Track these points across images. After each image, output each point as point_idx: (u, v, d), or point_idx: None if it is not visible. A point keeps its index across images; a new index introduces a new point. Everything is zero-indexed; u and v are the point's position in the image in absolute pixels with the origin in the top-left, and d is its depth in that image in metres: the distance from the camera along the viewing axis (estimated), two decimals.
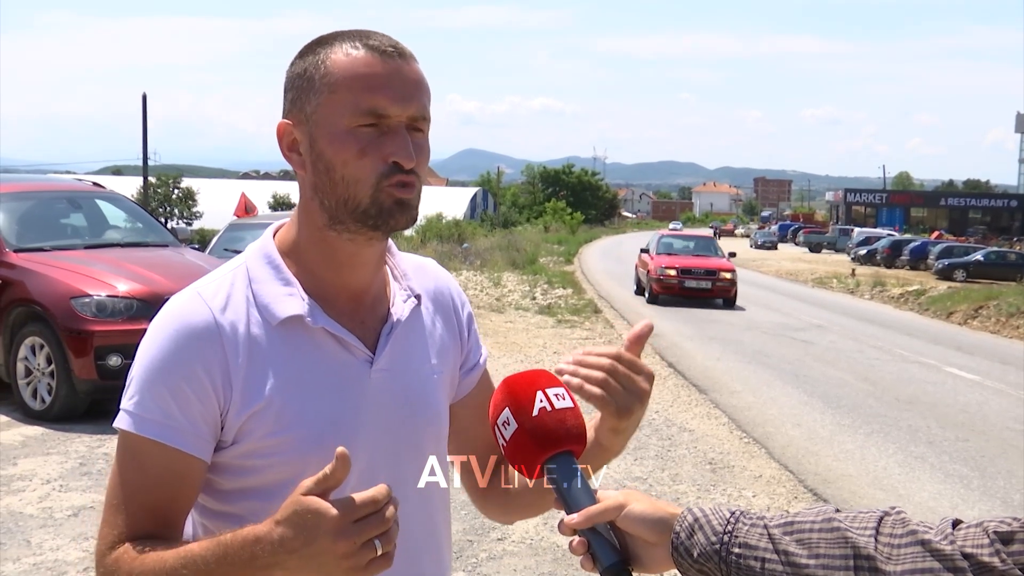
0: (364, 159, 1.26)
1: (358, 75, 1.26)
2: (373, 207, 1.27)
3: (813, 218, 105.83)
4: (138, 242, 9.12)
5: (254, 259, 1.36)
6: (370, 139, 1.26)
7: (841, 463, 7.80)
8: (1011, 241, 57.33)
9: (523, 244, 38.67)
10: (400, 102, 1.27)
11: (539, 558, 5.07)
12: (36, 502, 5.64)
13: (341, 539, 1.08)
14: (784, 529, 1.13)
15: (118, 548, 1.24)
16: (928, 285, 28.29)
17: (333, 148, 1.27)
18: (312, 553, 1.09)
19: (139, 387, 1.27)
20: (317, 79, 1.28)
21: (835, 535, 1.09)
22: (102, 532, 1.26)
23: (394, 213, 1.28)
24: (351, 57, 1.27)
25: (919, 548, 1.05)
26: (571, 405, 1.25)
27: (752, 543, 1.13)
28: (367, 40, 1.29)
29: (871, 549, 1.06)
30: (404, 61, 1.29)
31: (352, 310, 1.36)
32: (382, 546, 1.10)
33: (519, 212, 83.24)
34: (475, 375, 1.56)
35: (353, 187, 1.27)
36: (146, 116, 39.13)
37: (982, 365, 14.16)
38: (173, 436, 1.25)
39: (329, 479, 1.10)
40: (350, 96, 1.26)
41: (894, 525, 1.09)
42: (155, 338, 1.28)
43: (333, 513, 1.08)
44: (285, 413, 1.29)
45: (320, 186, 1.30)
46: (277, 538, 1.10)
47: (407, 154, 1.26)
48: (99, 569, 1.26)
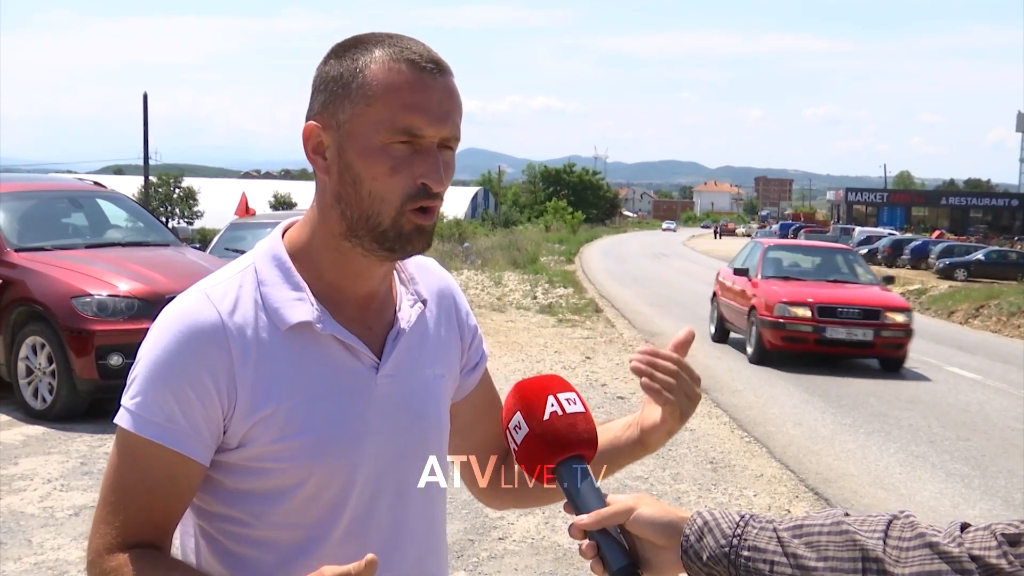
0: (394, 177, 1.25)
1: (397, 91, 1.24)
2: (392, 230, 1.27)
3: (814, 217, 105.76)
4: (139, 241, 9.13)
5: (263, 260, 1.34)
6: (402, 158, 1.25)
7: (842, 462, 7.80)
8: (1012, 240, 57.28)
9: (524, 243, 38.67)
10: (436, 123, 1.25)
11: (540, 557, 5.07)
12: (37, 501, 5.64)
13: None
14: (793, 532, 1.13)
15: (117, 555, 1.23)
16: (929, 284, 28.30)
17: (365, 162, 1.26)
18: None
19: (142, 387, 1.25)
20: (354, 88, 1.26)
21: (844, 538, 1.10)
22: (98, 530, 1.26)
23: (412, 239, 1.28)
24: (392, 70, 1.25)
25: (927, 551, 1.05)
26: (582, 410, 1.26)
27: (761, 546, 1.13)
28: (408, 52, 1.26)
29: (880, 552, 1.07)
30: (444, 78, 1.28)
31: (360, 315, 1.35)
32: None
33: (520, 211, 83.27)
34: (476, 375, 1.56)
35: (379, 204, 1.26)
36: (147, 115, 39.13)
37: (983, 364, 14.16)
38: (174, 439, 1.24)
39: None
40: (387, 112, 1.24)
41: (903, 528, 1.09)
42: (161, 337, 1.27)
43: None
44: (292, 419, 1.28)
45: (344, 196, 1.28)
46: None
47: (438, 178, 1.26)
48: (93, 570, 1.25)
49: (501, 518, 5.59)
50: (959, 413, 10.10)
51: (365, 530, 1.32)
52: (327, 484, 1.30)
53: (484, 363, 1.58)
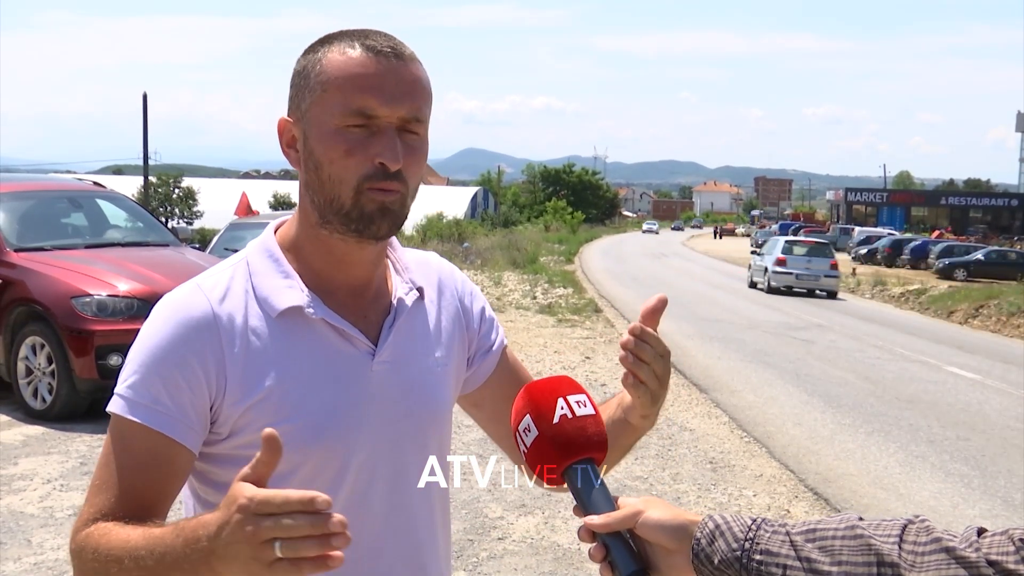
0: (350, 159, 1.26)
1: (350, 75, 1.26)
2: (355, 210, 1.28)
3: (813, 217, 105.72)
4: (139, 242, 9.13)
5: (255, 254, 1.37)
6: (358, 139, 1.27)
7: (842, 462, 7.80)
8: (1012, 240, 57.29)
9: (524, 243, 38.66)
10: (390, 103, 1.26)
11: (540, 557, 5.07)
12: (37, 501, 5.64)
13: (246, 527, 1.00)
14: (806, 536, 1.12)
15: (90, 526, 1.23)
16: (929, 284, 28.27)
17: (322, 146, 1.28)
18: (230, 539, 1.03)
19: (132, 372, 1.28)
20: (312, 77, 1.29)
21: (858, 542, 1.08)
22: (81, 512, 1.26)
23: (375, 219, 1.29)
24: (346, 56, 1.28)
25: (944, 555, 1.04)
26: (592, 412, 1.25)
27: (774, 550, 1.12)
28: (365, 40, 1.29)
29: (895, 556, 1.06)
30: (400, 62, 1.29)
31: (354, 303, 1.37)
32: (282, 548, 0.99)
33: (520, 211, 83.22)
34: (492, 358, 1.55)
35: (337, 186, 1.28)
36: (147, 115, 39.10)
37: (983, 364, 14.16)
38: (160, 421, 1.25)
39: (259, 464, 1.04)
40: (340, 96, 1.26)
41: (918, 533, 1.08)
42: (152, 327, 1.30)
43: (243, 500, 1.01)
44: (284, 404, 1.29)
45: (311, 183, 1.31)
46: (214, 521, 1.05)
47: (393, 156, 1.26)
48: (71, 546, 1.25)
49: (501, 518, 5.59)
50: (959, 413, 10.10)
51: (359, 518, 1.31)
52: (321, 471, 1.30)
53: (500, 347, 1.57)
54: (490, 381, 1.55)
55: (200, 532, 1.07)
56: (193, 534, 1.09)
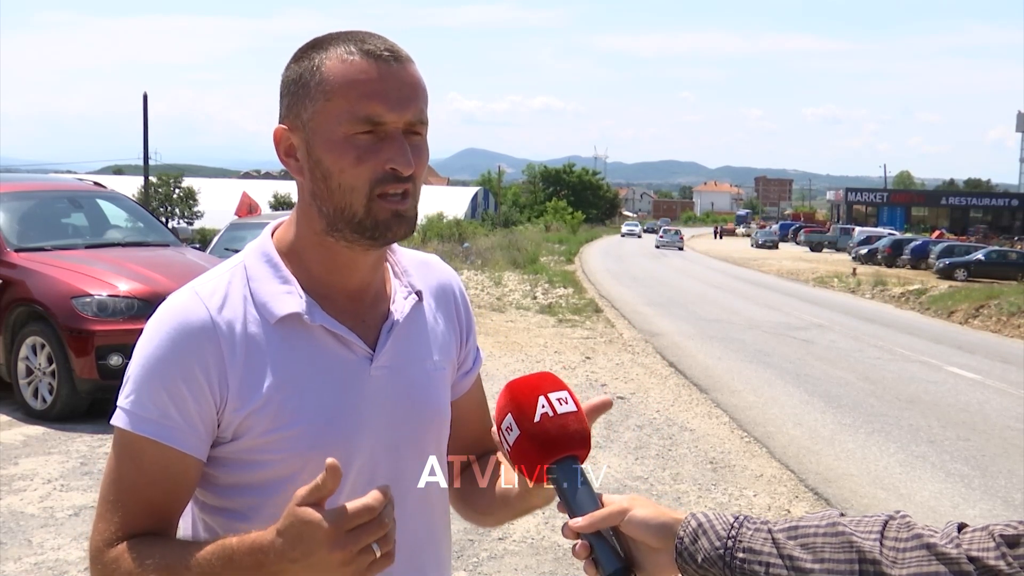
0: (361, 166, 1.26)
1: (354, 82, 1.25)
2: (368, 219, 1.27)
3: (814, 217, 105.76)
4: (139, 242, 9.13)
5: (252, 258, 1.36)
6: (367, 146, 1.26)
7: (842, 462, 7.80)
8: (1012, 240, 57.29)
9: (524, 243, 38.66)
10: (396, 108, 1.26)
11: (540, 557, 5.07)
12: (37, 502, 5.64)
13: (337, 549, 1.09)
14: (788, 534, 1.12)
15: (117, 546, 1.24)
16: (929, 284, 28.27)
17: (331, 156, 1.27)
18: (312, 563, 1.11)
19: (136, 385, 1.27)
20: (313, 86, 1.28)
21: (840, 539, 1.09)
22: (97, 527, 1.26)
23: (391, 226, 1.29)
24: (346, 63, 1.26)
25: (924, 552, 1.04)
26: (574, 409, 1.25)
27: (756, 548, 1.12)
28: (362, 44, 1.28)
29: (876, 553, 1.06)
30: (400, 65, 1.28)
31: (352, 308, 1.36)
32: (380, 548, 1.11)
33: (520, 211, 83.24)
34: (470, 379, 1.56)
35: (349, 195, 1.27)
36: (147, 115, 39.09)
37: (983, 364, 14.15)
38: (170, 435, 1.25)
39: (320, 489, 1.11)
40: (346, 104, 1.25)
41: (899, 529, 1.08)
42: (152, 336, 1.28)
43: (326, 526, 1.09)
44: (284, 410, 1.29)
45: (318, 193, 1.30)
46: (279, 548, 1.12)
47: (405, 161, 1.26)
48: (96, 566, 1.25)
49: None
50: (959, 413, 10.10)
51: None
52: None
53: (478, 368, 1.58)
54: (461, 400, 1.54)
55: (260, 557, 1.14)
56: (251, 558, 1.15)
